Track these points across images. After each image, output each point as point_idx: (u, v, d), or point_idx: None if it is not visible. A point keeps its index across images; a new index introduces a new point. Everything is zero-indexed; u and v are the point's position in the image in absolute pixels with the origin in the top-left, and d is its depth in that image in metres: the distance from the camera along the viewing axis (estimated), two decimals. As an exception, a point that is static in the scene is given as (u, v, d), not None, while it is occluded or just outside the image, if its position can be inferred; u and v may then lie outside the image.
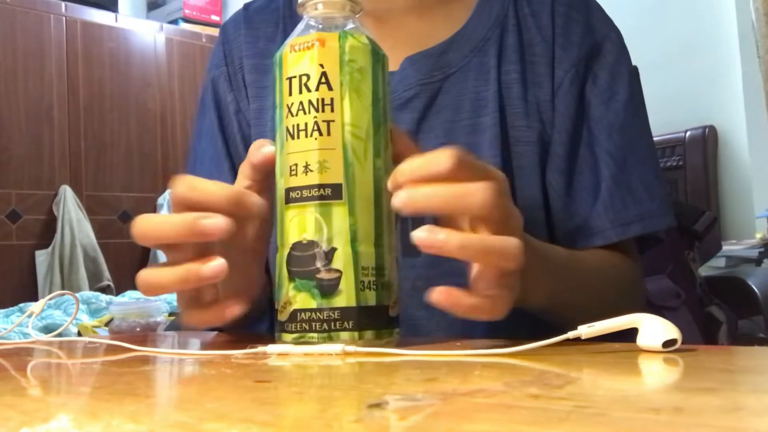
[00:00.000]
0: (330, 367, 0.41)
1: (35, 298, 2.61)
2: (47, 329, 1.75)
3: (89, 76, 2.96)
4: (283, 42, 0.51)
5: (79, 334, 1.69)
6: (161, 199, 3.07)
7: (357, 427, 0.26)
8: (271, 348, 0.46)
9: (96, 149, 2.95)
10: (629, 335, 0.42)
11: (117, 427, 0.27)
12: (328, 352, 0.44)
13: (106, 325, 1.74)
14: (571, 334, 0.42)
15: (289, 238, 0.48)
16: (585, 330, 0.42)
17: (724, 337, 1.00)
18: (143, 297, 2.38)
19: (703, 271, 1.05)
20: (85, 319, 2.03)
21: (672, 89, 2.06)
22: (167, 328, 1.28)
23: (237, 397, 0.32)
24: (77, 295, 2.24)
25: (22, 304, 2.19)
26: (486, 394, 0.31)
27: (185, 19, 3.39)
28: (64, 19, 2.92)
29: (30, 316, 0.66)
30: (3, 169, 2.73)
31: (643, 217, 0.67)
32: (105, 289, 2.79)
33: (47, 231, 2.82)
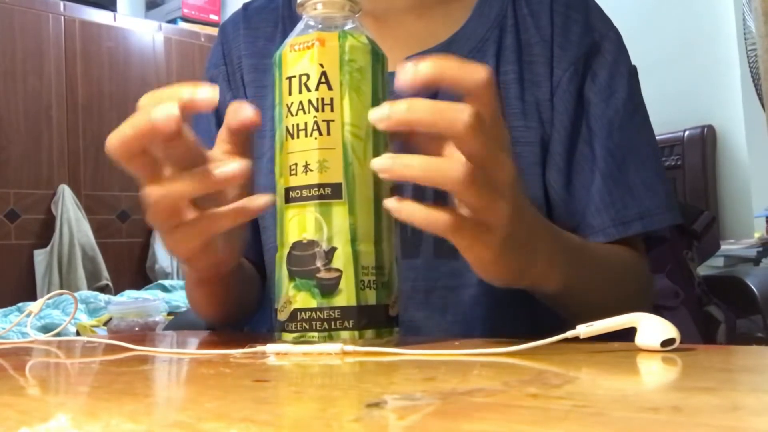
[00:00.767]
0: (329, 366, 0.41)
1: (34, 298, 2.61)
2: (46, 329, 1.75)
3: (88, 75, 2.96)
4: (283, 42, 0.51)
5: (78, 334, 1.69)
6: (160, 199, 3.07)
7: (356, 426, 0.26)
8: (270, 347, 0.46)
9: (94, 149, 2.94)
10: (628, 335, 0.42)
11: (116, 426, 0.27)
12: (327, 351, 0.44)
13: (105, 324, 1.74)
14: (569, 334, 0.42)
15: (289, 238, 0.48)
16: (583, 329, 0.42)
17: (722, 337, 1.00)
18: (142, 297, 2.38)
19: (702, 270, 1.05)
20: (84, 319, 2.03)
21: (671, 89, 2.06)
22: (166, 328, 1.28)
23: (236, 397, 0.32)
24: (76, 294, 2.24)
25: (20, 304, 2.19)
26: (485, 393, 0.31)
27: (184, 19, 3.39)
28: (63, 18, 2.92)
29: (28, 315, 0.66)
30: (1, 168, 2.73)
31: (643, 215, 0.67)
32: (103, 289, 2.79)
33: (46, 230, 2.82)
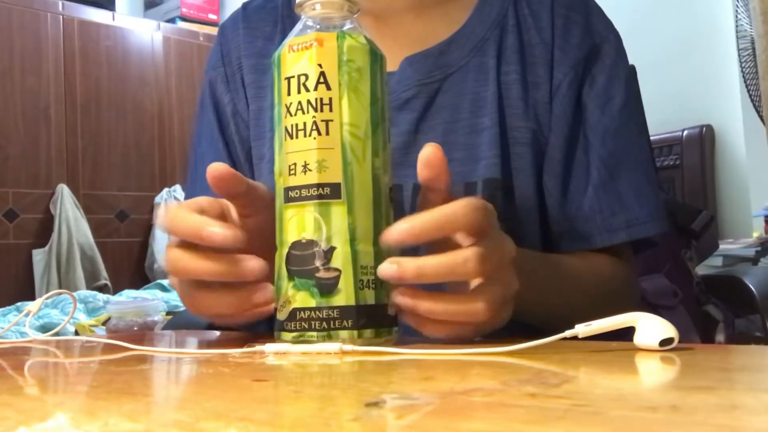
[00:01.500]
0: (328, 366, 0.41)
1: (32, 297, 2.61)
2: (44, 328, 1.75)
3: (86, 74, 2.95)
4: (282, 41, 0.51)
5: (77, 333, 1.68)
6: (158, 198, 3.07)
7: (354, 425, 0.26)
8: (269, 347, 0.46)
9: (93, 148, 2.94)
10: (626, 334, 0.42)
11: (114, 426, 0.27)
12: (326, 351, 0.44)
13: (104, 324, 1.74)
14: (568, 333, 0.42)
15: (288, 237, 0.48)
16: (582, 329, 0.42)
17: (721, 336, 1.00)
18: (140, 296, 2.38)
19: (700, 270, 1.05)
20: (83, 318, 2.03)
21: (669, 88, 2.06)
22: (165, 327, 1.28)
23: (234, 396, 0.32)
24: (74, 294, 2.24)
25: (19, 303, 2.18)
26: (483, 392, 0.31)
27: (182, 18, 3.38)
28: (61, 17, 2.92)
29: (27, 315, 0.66)
30: (0, 168, 2.72)
31: (630, 224, 0.68)
32: (102, 288, 2.78)
33: (44, 230, 2.81)
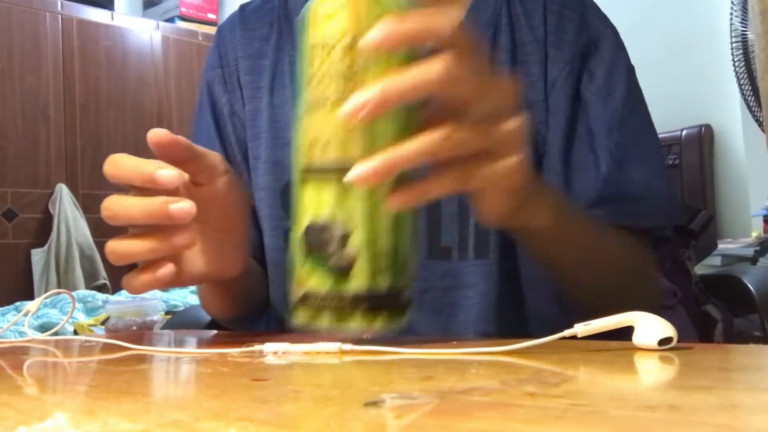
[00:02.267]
0: (327, 365, 0.41)
1: (31, 297, 2.60)
2: (43, 328, 1.75)
3: (85, 74, 2.95)
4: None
5: (76, 333, 1.68)
6: (157, 198, 3.06)
7: (354, 425, 0.26)
8: (268, 346, 0.46)
9: (92, 148, 2.94)
10: (625, 333, 0.42)
11: (113, 425, 0.27)
12: (325, 350, 0.44)
13: (103, 323, 1.74)
14: (567, 333, 0.42)
15: (304, 218, 0.45)
16: (581, 328, 0.42)
17: (719, 336, 1.00)
18: (139, 296, 2.38)
19: (699, 269, 1.05)
20: (82, 318, 2.03)
21: (668, 88, 2.06)
22: (164, 327, 1.28)
23: (234, 396, 0.32)
24: (73, 293, 2.24)
25: (18, 303, 2.18)
26: (482, 392, 0.31)
27: (181, 17, 3.38)
28: (60, 17, 2.91)
29: (26, 314, 0.66)
30: (-1, 167, 2.72)
31: (640, 214, 0.67)
32: (101, 288, 2.78)
33: (43, 229, 2.81)
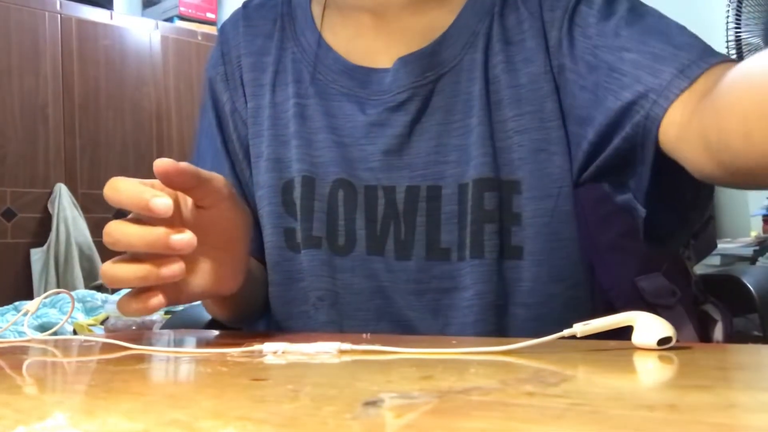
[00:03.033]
0: (325, 365, 0.41)
1: (30, 297, 2.60)
2: (43, 328, 1.75)
3: (84, 74, 2.95)
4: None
5: (75, 333, 1.68)
6: (157, 198, 3.06)
7: (352, 424, 0.26)
8: (267, 346, 0.46)
9: (91, 147, 2.93)
10: (624, 333, 0.42)
11: (113, 425, 0.27)
12: (324, 350, 0.44)
13: (102, 323, 1.73)
14: (566, 332, 0.42)
15: None
16: (580, 328, 0.42)
17: (719, 335, 1.00)
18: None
19: (699, 269, 1.05)
20: (81, 318, 2.02)
21: (667, 88, 2.06)
22: (163, 327, 1.28)
23: (233, 395, 0.32)
24: (73, 293, 2.24)
25: (17, 303, 2.18)
26: (481, 391, 0.31)
27: (181, 17, 3.38)
28: (59, 16, 2.91)
29: (25, 314, 0.66)
30: (-2, 167, 2.72)
31: (700, 56, 0.57)
32: (100, 288, 2.78)
33: (42, 229, 2.81)
